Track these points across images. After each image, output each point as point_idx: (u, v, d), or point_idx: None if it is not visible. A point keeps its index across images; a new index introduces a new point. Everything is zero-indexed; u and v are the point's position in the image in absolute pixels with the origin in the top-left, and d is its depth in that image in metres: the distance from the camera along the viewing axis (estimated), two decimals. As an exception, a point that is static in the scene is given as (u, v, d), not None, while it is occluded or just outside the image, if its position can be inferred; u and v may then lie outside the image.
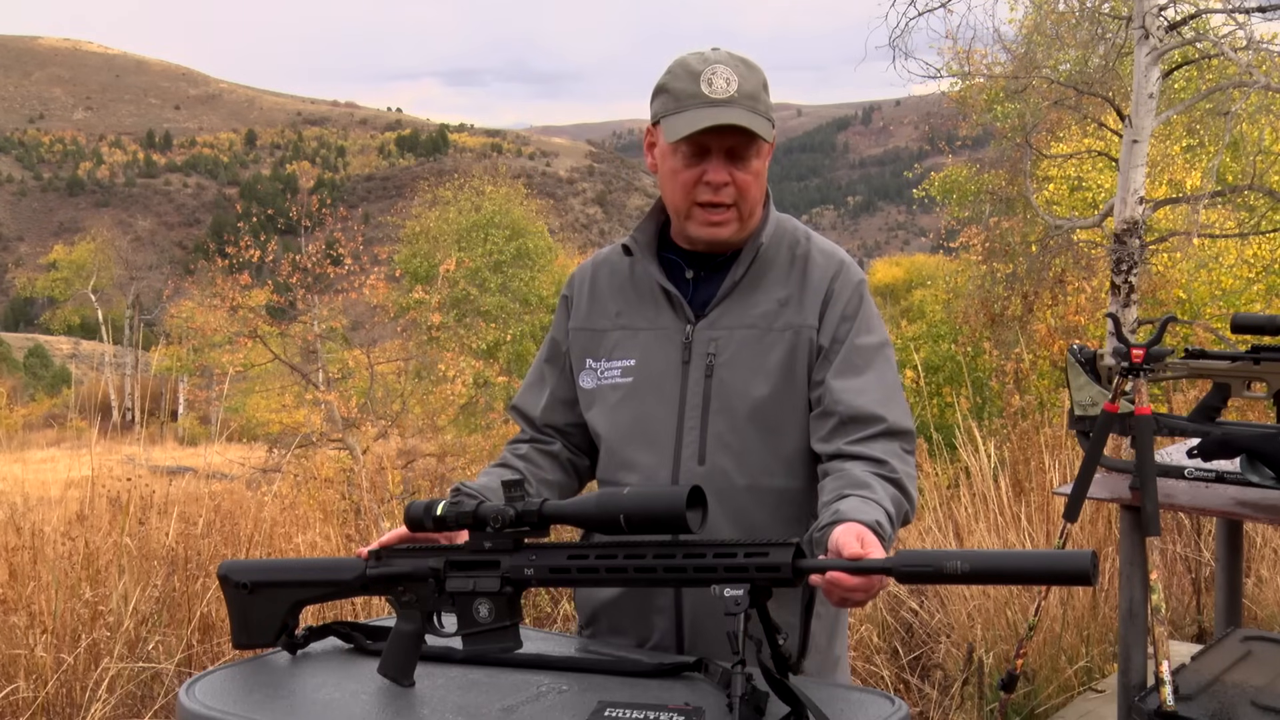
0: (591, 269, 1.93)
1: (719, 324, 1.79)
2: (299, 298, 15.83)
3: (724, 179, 1.73)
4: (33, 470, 11.84)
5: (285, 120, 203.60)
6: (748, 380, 1.76)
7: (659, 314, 1.82)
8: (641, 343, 1.82)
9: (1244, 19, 7.55)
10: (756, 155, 1.75)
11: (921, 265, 49.51)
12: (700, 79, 1.71)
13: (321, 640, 1.76)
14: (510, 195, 31.53)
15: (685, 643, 1.78)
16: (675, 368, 1.79)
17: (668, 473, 1.76)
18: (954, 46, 11.45)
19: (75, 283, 54.27)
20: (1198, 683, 2.82)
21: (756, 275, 1.80)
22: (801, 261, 1.82)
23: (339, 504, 6.71)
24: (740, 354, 1.77)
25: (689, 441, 1.76)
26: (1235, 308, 11.75)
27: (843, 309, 1.78)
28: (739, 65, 1.73)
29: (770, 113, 1.75)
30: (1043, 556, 1.36)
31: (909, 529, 4.94)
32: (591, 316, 1.88)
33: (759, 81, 1.74)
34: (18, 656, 3.46)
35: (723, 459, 1.75)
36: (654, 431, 1.78)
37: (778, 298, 1.79)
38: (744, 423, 1.75)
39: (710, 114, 1.69)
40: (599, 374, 1.85)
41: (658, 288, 1.82)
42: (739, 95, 1.70)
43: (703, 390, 1.77)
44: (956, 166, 18.57)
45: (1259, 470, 2.78)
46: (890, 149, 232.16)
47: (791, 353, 1.76)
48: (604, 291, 1.89)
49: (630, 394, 1.81)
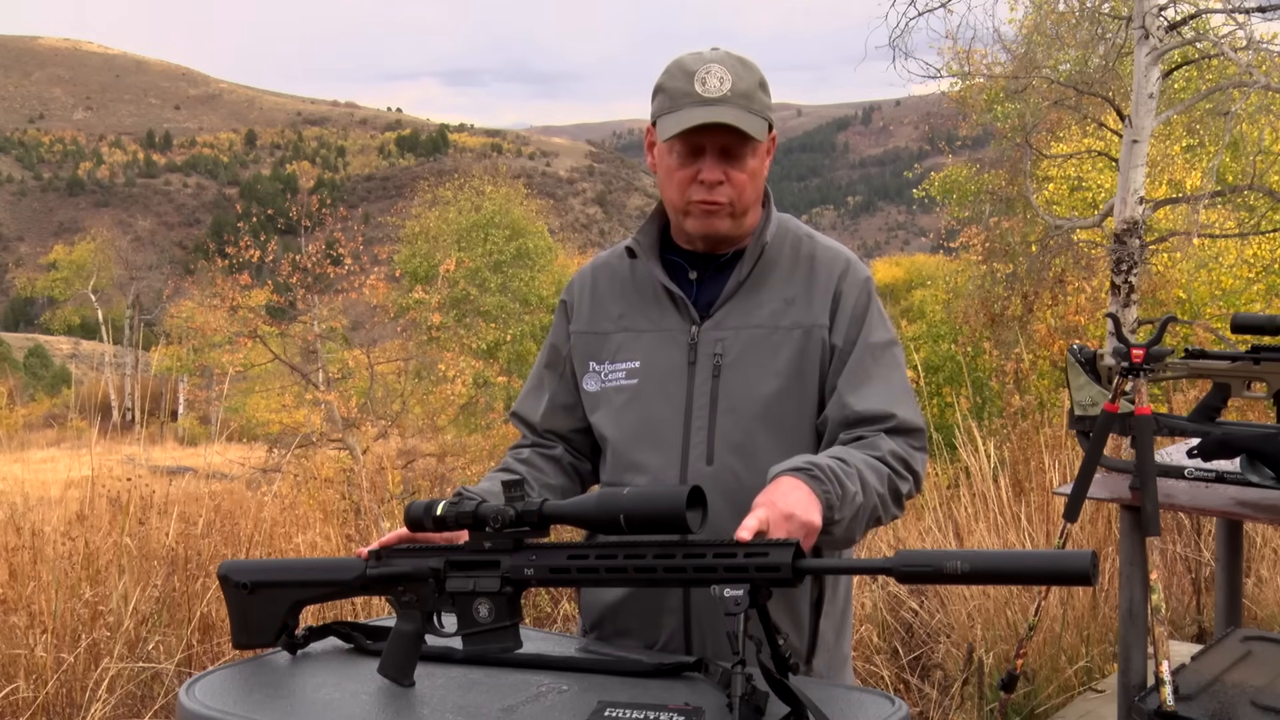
0: (591, 272, 1.93)
1: (725, 324, 1.78)
2: (299, 298, 15.83)
3: (718, 178, 1.73)
4: (33, 470, 11.83)
5: (285, 120, 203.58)
6: (756, 380, 1.76)
7: (663, 315, 1.82)
8: (646, 344, 1.82)
9: (1244, 19, 7.55)
10: (752, 154, 1.75)
11: (921, 265, 49.50)
12: (695, 78, 1.71)
13: (321, 640, 1.76)
14: (510, 195, 31.52)
15: (694, 645, 1.77)
16: (681, 369, 1.79)
17: (675, 474, 1.76)
18: (954, 46, 11.46)
19: (75, 283, 54.27)
20: (1198, 683, 2.82)
21: (761, 275, 1.80)
22: (807, 261, 1.82)
23: (339, 504, 6.71)
24: (747, 354, 1.76)
25: (696, 442, 1.76)
26: (1235, 308, 11.75)
27: (852, 310, 1.78)
28: (735, 64, 1.73)
29: (768, 111, 1.75)
30: (1043, 556, 1.36)
31: (909, 529, 4.94)
32: (594, 320, 1.88)
33: (755, 80, 1.74)
34: (18, 656, 3.46)
35: (731, 459, 1.75)
36: (661, 433, 1.78)
37: (784, 297, 1.79)
38: (752, 422, 1.75)
39: (701, 113, 1.69)
40: (603, 377, 1.84)
41: (661, 289, 1.82)
42: (732, 94, 1.70)
43: (710, 391, 1.76)
44: (956, 166, 18.57)
45: (1259, 470, 2.78)
46: (890, 149, 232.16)
47: (801, 353, 1.76)
48: (605, 294, 1.89)
49: (636, 396, 1.81)
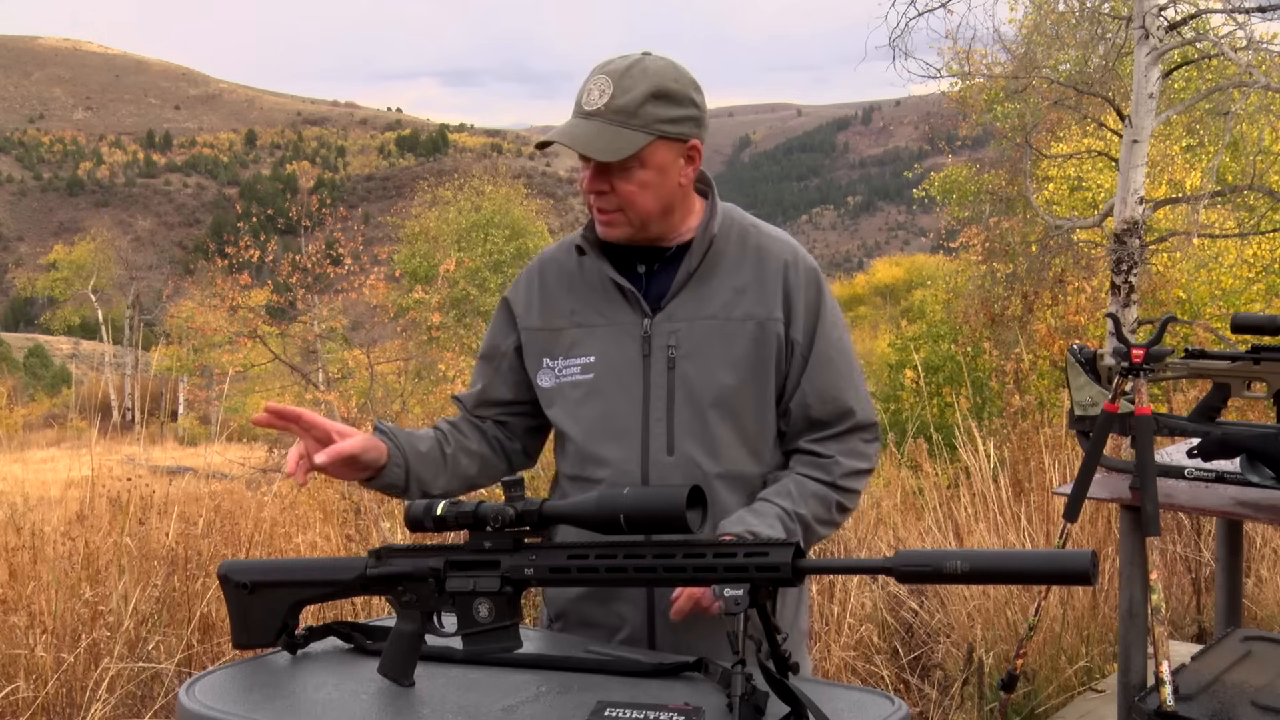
0: (538, 268, 1.94)
1: (677, 316, 1.81)
2: (299, 298, 15.85)
3: (601, 188, 1.75)
4: (33, 470, 11.84)
5: (285, 120, 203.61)
6: (712, 370, 1.79)
7: (615, 309, 1.84)
8: (599, 339, 1.84)
9: (1244, 19, 7.55)
10: (640, 166, 1.73)
11: (921, 265, 49.52)
12: (584, 87, 1.74)
13: (321, 640, 1.76)
14: (510, 195, 31.52)
15: (656, 637, 1.80)
16: (636, 362, 1.81)
17: (637, 465, 1.79)
18: (954, 46, 11.48)
19: (75, 283, 54.21)
20: (1198, 683, 2.83)
21: (710, 266, 1.83)
22: (754, 251, 1.84)
23: (339, 504, 6.70)
24: (703, 345, 1.79)
25: (656, 434, 1.79)
26: (1235, 308, 11.75)
27: (806, 304, 1.82)
28: (629, 75, 1.71)
29: (661, 125, 1.72)
30: (1043, 556, 1.35)
31: (909, 529, 4.94)
32: (545, 316, 1.89)
33: (647, 91, 1.71)
34: (18, 656, 3.46)
35: (692, 449, 1.78)
36: (620, 426, 1.80)
37: (733, 287, 1.82)
38: (710, 412, 1.78)
39: (566, 127, 1.72)
40: (557, 372, 1.86)
41: (610, 283, 1.84)
42: (605, 109, 1.70)
43: (666, 383, 1.79)
44: (956, 166, 18.58)
45: (1259, 470, 2.78)
46: (890, 149, 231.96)
47: (757, 345, 1.80)
48: (555, 290, 1.90)
49: (593, 390, 1.83)
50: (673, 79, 1.73)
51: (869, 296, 55.53)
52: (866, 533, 4.83)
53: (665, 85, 1.72)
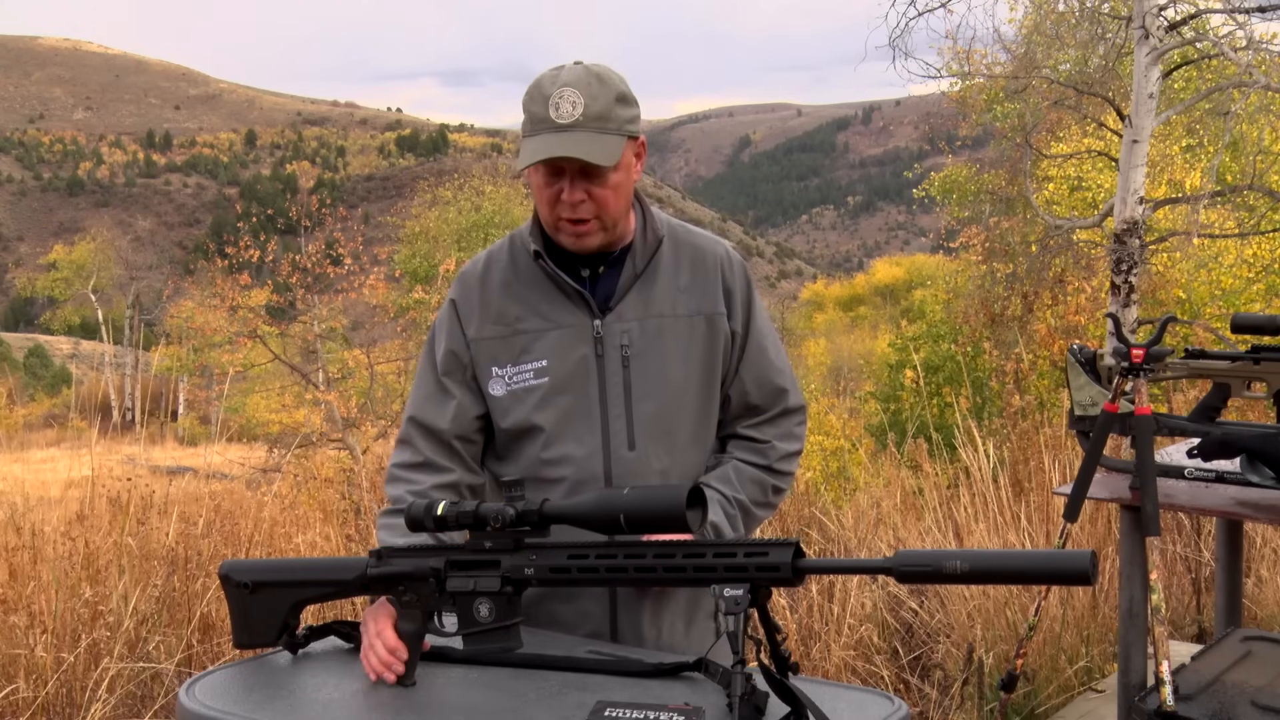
0: (480, 274, 1.94)
1: (626, 316, 1.86)
2: (299, 298, 15.82)
3: (579, 197, 1.78)
4: (33, 470, 11.84)
5: (285, 120, 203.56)
6: (666, 366, 1.86)
7: (561, 313, 1.87)
8: (551, 342, 1.86)
9: (1244, 19, 7.55)
10: (614, 170, 1.78)
11: (921, 265, 49.52)
12: (549, 103, 1.75)
13: (322, 640, 1.76)
14: (510, 195, 31.56)
15: (619, 631, 1.85)
16: (589, 362, 1.85)
17: (599, 462, 1.83)
18: (954, 46, 11.46)
19: (75, 283, 54.21)
20: (1198, 683, 2.83)
21: (651, 267, 1.89)
22: (689, 250, 1.92)
23: (339, 504, 6.70)
24: (655, 343, 1.86)
25: (616, 430, 1.84)
26: (1235, 308, 11.74)
27: (741, 298, 1.93)
28: (590, 83, 1.75)
29: (627, 125, 1.78)
30: (1042, 556, 1.36)
31: (909, 529, 4.94)
32: (491, 324, 1.90)
33: (611, 96, 1.76)
34: (18, 656, 3.46)
35: (651, 443, 1.85)
36: (581, 425, 1.84)
37: (676, 286, 1.89)
38: (667, 406, 1.86)
39: (554, 141, 1.74)
40: (508, 379, 1.88)
41: (554, 287, 1.87)
42: (584, 118, 1.73)
43: (622, 380, 1.85)
44: (956, 166, 18.56)
45: (1259, 470, 2.78)
46: (890, 149, 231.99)
47: (708, 339, 1.89)
48: (499, 296, 1.91)
49: (549, 393, 1.85)
50: (620, 81, 1.81)
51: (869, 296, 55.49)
52: (866, 533, 4.83)
53: (620, 88, 1.79)
